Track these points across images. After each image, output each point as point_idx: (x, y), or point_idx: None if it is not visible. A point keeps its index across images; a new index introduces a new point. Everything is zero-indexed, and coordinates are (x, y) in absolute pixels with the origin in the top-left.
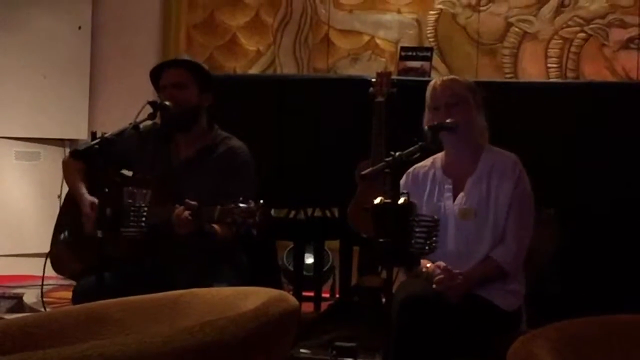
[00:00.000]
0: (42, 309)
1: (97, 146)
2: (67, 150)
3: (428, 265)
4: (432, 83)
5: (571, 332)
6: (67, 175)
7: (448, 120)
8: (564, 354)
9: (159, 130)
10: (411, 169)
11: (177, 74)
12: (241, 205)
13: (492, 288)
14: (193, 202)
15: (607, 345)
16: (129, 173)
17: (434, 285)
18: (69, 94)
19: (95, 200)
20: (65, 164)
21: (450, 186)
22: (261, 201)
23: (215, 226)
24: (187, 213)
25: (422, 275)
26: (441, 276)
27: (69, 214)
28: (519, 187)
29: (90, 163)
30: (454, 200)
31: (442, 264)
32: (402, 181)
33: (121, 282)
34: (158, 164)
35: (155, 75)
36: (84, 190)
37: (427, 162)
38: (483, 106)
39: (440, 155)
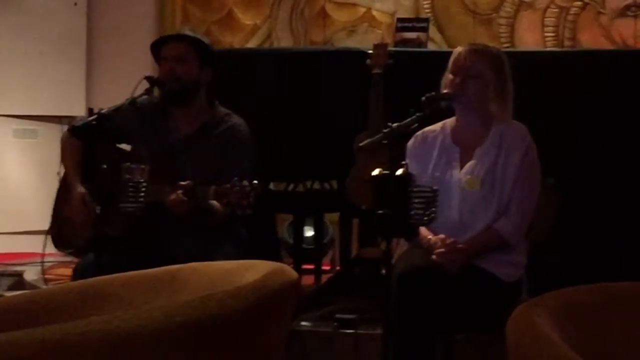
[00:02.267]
0: (43, 286)
1: (94, 122)
2: (65, 127)
3: (430, 236)
4: (458, 48)
5: (571, 300)
6: (64, 156)
7: (445, 91)
8: (563, 322)
9: (157, 104)
10: (420, 132)
11: (178, 48)
12: (236, 186)
13: (492, 259)
14: (186, 183)
15: (607, 313)
16: (127, 148)
17: (433, 257)
18: (65, 70)
19: (84, 194)
20: (62, 142)
21: (458, 155)
22: (255, 181)
23: (214, 202)
24: (180, 193)
25: (424, 245)
26: (442, 250)
27: (68, 191)
28: (527, 159)
29: (87, 139)
30: (460, 169)
31: (444, 237)
32: (409, 143)
33: (120, 258)
34: (156, 140)
35: (157, 47)
36: (76, 179)
37: (437, 126)
38: (510, 77)
39: (450, 121)
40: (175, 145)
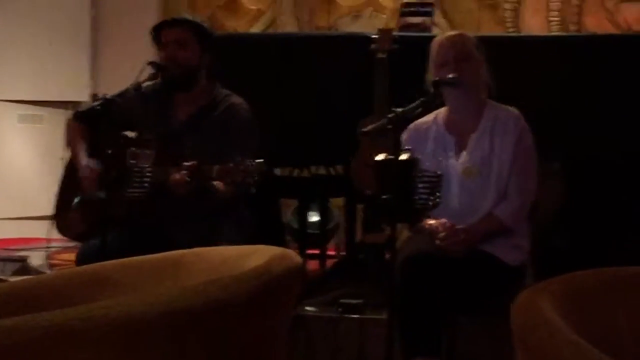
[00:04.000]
0: (47, 271)
1: (98, 107)
2: (70, 113)
3: (431, 222)
4: (438, 39)
5: (575, 284)
6: (70, 138)
7: (450, 75)
8: (567, 306)
9: (159, 90)
10: (412, 125)
11: (179, 32)
12: (239, 164)
13: (496, 243)
14: (189, 163)
15: (612, 297)
16: (132, 134)
17: (437, 242)
18: (71, 56)
19: (91, 163)
20: (68, 127)
21: (453, 144)
22: (259, 160)
23: (216, 183)
24: (183, 173)
25: (425, 231)
26: (443, 234)
27: (72, 177)
28: (521, 143)
29: (92, 124)
30: (457, 158)
31: (444, 221)
32: (403, 136)
33: (124, 243)
34: (158, 124)
35: (156, 32)
36: (82, 153)
37: (429, 117)
38: (486, 61)
39: (442, 111)
40: (177, 128)
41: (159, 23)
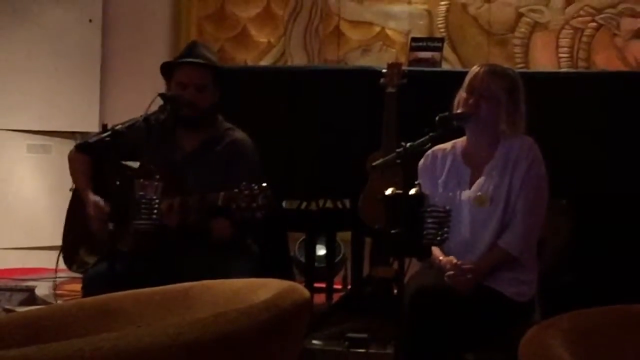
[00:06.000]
0: (54, 302)
1: (107, 138)
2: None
3: (441, 257)
4: (476, 68)
5: (584, 322)
6: (72, 171)
7: (459, 111)
8: (576, 344)
9: (164, 121)
10: (430, 151)
11: (200, 77)
12: (244, 190)
13: (504, 279)
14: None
15: (620, 335)
16: (135, 165)
17: (446, 279)
18: (80, 86)
19: (99, 200)
20: (70, 159)
21: (468, 176)
22: (264, 184)
23: (217, 221)
24: (174, 204)
25: (435, 266)
26: (451, 272)
27: (78, 209)
28: (531, 170)
29: (100, 155)
30: (469, 189)
31: (452, 259)
32: (420, 162)
33: (131, 274)
34: (162, 156)
35: (170, 66)
36: (88, 189)
37: (448, 145)
38: (524, 99)
39: (460, 141)
40: (179, 162)
41: (183, 62)
